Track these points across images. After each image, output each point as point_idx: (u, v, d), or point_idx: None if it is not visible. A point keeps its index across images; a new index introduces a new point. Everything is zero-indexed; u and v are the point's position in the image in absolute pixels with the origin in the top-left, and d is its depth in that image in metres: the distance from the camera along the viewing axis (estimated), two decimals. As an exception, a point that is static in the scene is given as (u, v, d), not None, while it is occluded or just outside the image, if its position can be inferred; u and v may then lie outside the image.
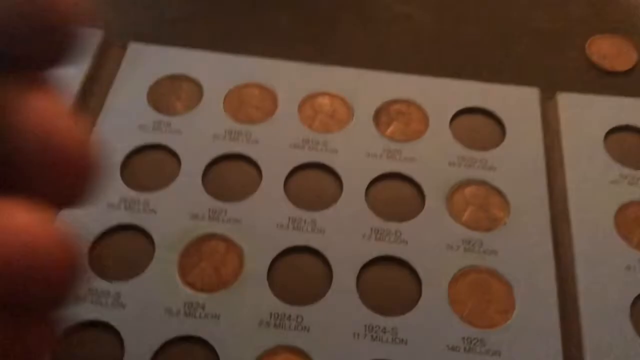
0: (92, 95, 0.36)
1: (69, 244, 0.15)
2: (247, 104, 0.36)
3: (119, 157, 0.34)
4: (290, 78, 0.37)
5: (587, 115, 0.36)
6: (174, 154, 0.34)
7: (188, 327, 0.29)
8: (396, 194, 0.33)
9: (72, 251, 0.15)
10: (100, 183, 0.17)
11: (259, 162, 0.34)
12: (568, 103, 0.37)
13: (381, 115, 0.36)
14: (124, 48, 0.38)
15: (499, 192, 0.33)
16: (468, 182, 0.34)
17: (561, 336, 0.29)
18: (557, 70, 0.40)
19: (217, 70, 0.38)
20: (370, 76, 0.38)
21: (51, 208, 0.15)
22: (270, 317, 0.29)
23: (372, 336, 0.29)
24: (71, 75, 0.36)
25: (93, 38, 0.38)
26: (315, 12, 0.43)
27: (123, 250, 0.31)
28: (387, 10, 0.43)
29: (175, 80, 0.37)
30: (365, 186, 0.33)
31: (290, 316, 0.29)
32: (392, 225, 0.32)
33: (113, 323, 0.29)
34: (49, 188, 0.15)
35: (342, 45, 0.41)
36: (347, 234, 0.32)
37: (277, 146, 0.35)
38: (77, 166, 0.16)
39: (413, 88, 0.37)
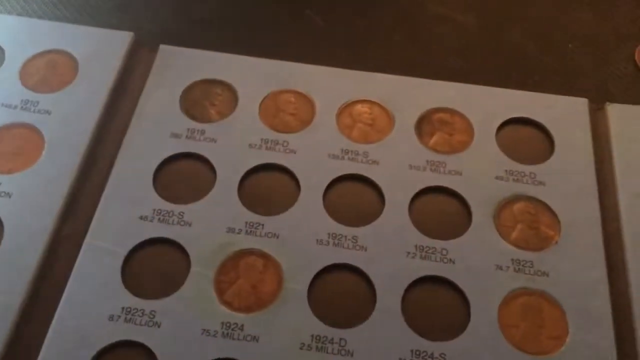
0: (122, 100, 0.35)
1: None
2: (284, 111, 0.35)
3: (151, 167, 0.32)
4: (327, 84, 0.36)
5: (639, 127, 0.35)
6: (208, 164, 0.33)
7: (226, 349, 0.28)
8: (441, 210, 0.32)
9: None
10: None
11: (297, 173, 0.33)
12: (619, 114, 0.35)
13: (423, 125, 0.35)
14: (154, 50, 0.37)
15: (548, 209, 0.32)
16: (516, 198, 0.32)
17: (618, 365, 0.28)
18: (606, 78, 0.38)
19: (251, 75, 0.36)
20: (410, 83, 0.36)
21: None
22: (312, 339, 0.28)
23: (419, 362, 0.27)
24: (101, 78, 0.35)
25: (123, 40, 0.36)
26: (352, 15, 0.41)
27: (157, 265, 0.30)
28: (425, 12, 0.41)
29: (208, 85, 0.36)
30: (409, 201, 0.32)
31: (332, 339, 0.28)
32: (438, 243, 0.31)
33: (148, 344, 0.28)
34: None
35: (380, 50, 0.39)
36: (391, 251, 0.30)
37: (315, 156, 0.33)
38: None
39: (456, 96, 0.36)
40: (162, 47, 0.37)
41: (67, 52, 0.36)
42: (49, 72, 0.35)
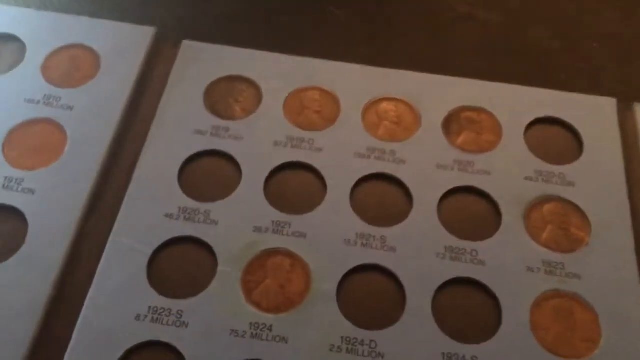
0: (145, 96, 0.35)
1: None
2: (308, 109, 0.35)
3: (176, 164, 0.32)
4: (352, 81, 0.35)
5: (668, 128, 0.34)
6: (234, 162, 0.32)
7: (255, 351, 0.27)
8: (470, 210, 0.31)
9: None
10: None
11: (323, 172, 0.32)
12: (647, 114, 0.35)
13: (451, 124, 0.34)
14: (176, 46, 0.36)
15: (579, 210, 0.31)
16: (546, 199, 0.32)
17: (652, 369, 0.27)
18: (631, 78, 0.38)
19: (275, 72, 0.36)
20: (436, 81, 0.36)
21: None
22: (342, 341, 0.28)
23: (451, 365, 0.27)
24: (124, 73, 0.35)
25: (146, 35, 0.36)
26: (375, 10, 0.40)
27: (183, 264, 0.30)
28: (450, 10, 0.40)
29: (232, 81, 0.35)
30: (437, 201, 0.31)
31: (363, 341, 0.28)
32: (468, 244, 0.30)
33: (176, 344, 0.27)
34: None
35: (404, 47, 0.39)
36: (420, 252, 0.30)
37: (341, 155, 0.33)
38: None
39: (483, 94, 0.35)
40: (185, 42, 0.36)
41: (89, 47, 0.35)
42: (72, 67, 0.35)
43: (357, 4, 0.40)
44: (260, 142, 0.33)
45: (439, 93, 0.35)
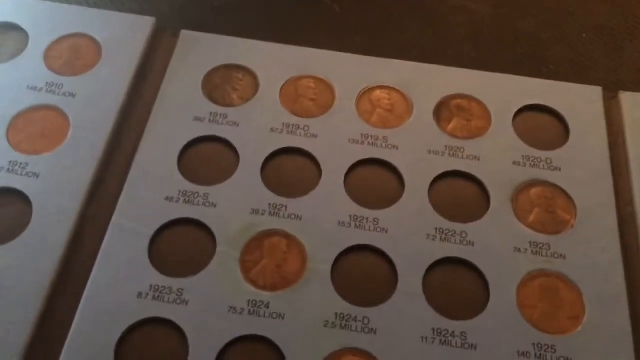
0: (145, 84, 0.36)
1: None
2: (304, 97, 0.36)
3: (176, 149, 0.33)
4: (347, 70, 0.36)
5: (652, 116, 0.35)
6: (231, 147, 0.33)
7: (253, 326, 0.28)
8: (460, 193, 0.33)
9: None
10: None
11: (318, 157, 0.33)
12: (631, 102, 0.36)
13: (442, 111, 0.35)
14: (175, 36, 0.37)
15: (565, 194, 0.33)
16: (533, 183, 0.33)
17: (633, 343, 0.28)
18: (618, 68, 0.39)
19: (271, 61, 0.37)
20: (428, 69, 0.37)
21: None
22: (336, 317, 0.29)
23: (440, 340, 0.28)
24: (124, 62, 0.36)
25: (145, 25, 0.37)
26: (369, 1, 0.41)
27: (183, 244, 0.31)
28: (441, 1, 0.42)
29: (229, 70, 0.36)
30: (428, 184, 0.32)
31: (356, 318, 0.29)
32: (457, 226, 0.31)
33: (176, 320, 0.28)
34: None
35: (397, 37, 0.40)
36: (411, 233, 0.31)
37: (335, 141, 0.34)
38: None
39: (473, 83, 0.36)
40: (183, 32, 0.37)
41: (90, 36, 0.36)
42: (73, 55, 0.36)
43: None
44: (257, 128, 0.34)
45: (431, 81, 0.36)
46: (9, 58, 0.35)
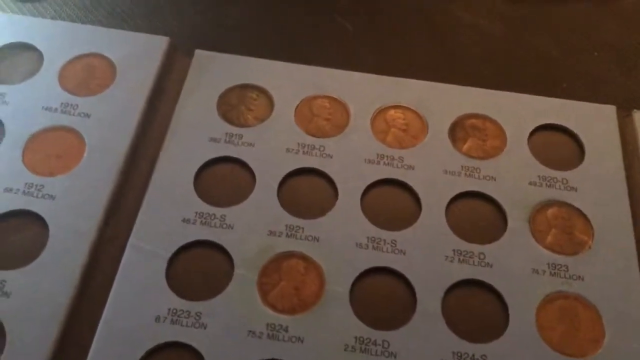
0: (160, 104, 0.36)
1: None
2: (318, 116, 0.36)
3: (192, 170, 0.33)
4: (361, 90, 0.36)
5: (666, 135, 0.36)
6: (247, 168, 0.33)
7: (273, 351, 0.28)
8: (477, 214, 0.33)
9: None
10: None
11: (334, 178, 0.33)
12: (645, 121, 0.36)
13: (457, 130, 0.35)
14: (189, 55, 0.37)
15: (581, 215, 0.33)
16: (550, 203, 0.33)
17: (654, 367, 0.28)
18: (632, 86, 0.39)
19: (286, 81, 0.37)
20: (442, 89, 0.37)
21: None
22: (356, 341, 0.29)
23: (461, 364, 0.28)
24: (139, 82, 0.36)
25: (160, 44, 0.37)
26: (381, 21, 0.41)
27: (201, 267, 0.31)
28: (454, 19, 0.42)
29: (244, 90, 0.36)
30: (445, 205, 0.32)
31: (375, 341, 0.29)
32: (475, 247, 0.31)
33: (195, 345, 0.28)
34: None
35: (409, 55, 0.40)
36: (429, 255, 0.31)
37: (351, 161, 0.34)
38: None
39: (487, 102, 0.36)
40: (197, 52, 0.37)
41: (104, 56, 0.36)
42: (88, 75, 0.36)
43: (364, 15, 0.41)
44: (272, 148, 0.34)
45: (445, 101, 0.36)
46: (24, 78, 0.35)
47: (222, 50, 0.38)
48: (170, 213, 0.32)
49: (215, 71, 0.37)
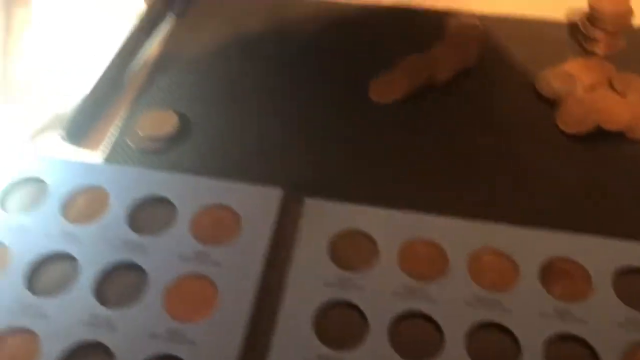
0: (279, 249, 0.40)
1: None
2: (419, 261, 0.40)
3: (309, 313, 0.37)
4: (455, 234, 0.41)
5: None
6: (359, 311, 0.37)
7: None
8: (572, 357, 0.36)
9: None
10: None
11: (439, 321, 0.37)
12: None
13: (546, 274, 0.39)
14: (299, 203, 0.42)
15: (669, 357, 0.35)
16: (640, 346, 0.36)
17: None
18: None
19: (387, 226, 0.41)
20: (529, 234, 0.41)
21: None
22: None
23: None
24: (260, 231, 0.40)
25: (275, 196, 0.42)
26: (469, 173, 0.46)
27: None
28: (531, 162, 0.46)
29: (351, 235, 0.41)
30: (541, 348, 0.36)
31: None
32: (574, 390, 0.34)
33: None
34: None
35: (495, 201, 0.44)
36: (533, 397, 0.34)
37: (454, 304, 0.38)
38: None
39: (573, 246, 0.40)
40: (307, 201, 0.42)
41: (229, 207, 0.41)
42: (216, 226, 0.41)
43: (455, 166, 0.46)
44: (380, 292, 0.38)
45: (533, 245, 0.40)
46: (161, 230, 0.41)
47: (327, 196, 0.43)
48: (295, 354, 0.36)
49: (324, 218, 0.41)
